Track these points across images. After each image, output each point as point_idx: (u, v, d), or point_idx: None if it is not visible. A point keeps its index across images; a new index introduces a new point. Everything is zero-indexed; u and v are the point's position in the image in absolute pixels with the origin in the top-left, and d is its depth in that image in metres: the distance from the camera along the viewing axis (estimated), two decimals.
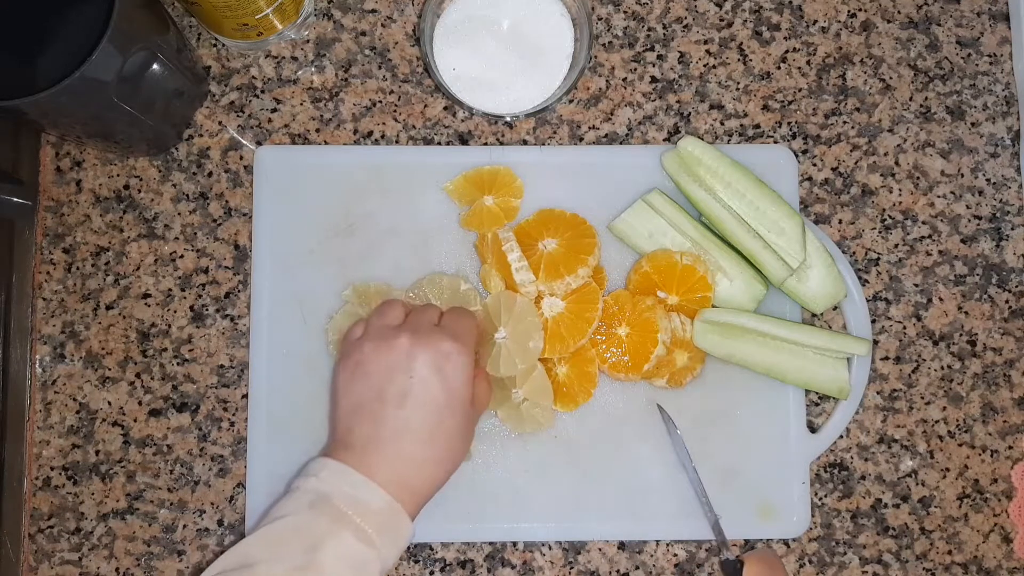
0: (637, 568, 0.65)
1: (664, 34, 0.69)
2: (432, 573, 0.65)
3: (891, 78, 0.69)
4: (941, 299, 0.68)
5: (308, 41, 0.69)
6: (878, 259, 0.68)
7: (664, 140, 0.68)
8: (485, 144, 0.68)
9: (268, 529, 0.51)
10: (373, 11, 0.69)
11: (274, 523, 0.51)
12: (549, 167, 0.67)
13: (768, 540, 0.65)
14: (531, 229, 0.64)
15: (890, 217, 0.68)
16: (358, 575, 0.50)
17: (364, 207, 0.66)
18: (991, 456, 0.67)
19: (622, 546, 0.65)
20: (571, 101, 0.69)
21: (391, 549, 0.51)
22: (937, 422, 0.67)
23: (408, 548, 0.65)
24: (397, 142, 0.68)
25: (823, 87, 0.69)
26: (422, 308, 0.59)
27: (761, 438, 0.65)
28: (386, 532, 0.51)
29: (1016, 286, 0.68)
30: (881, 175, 0.69)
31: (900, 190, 0.69)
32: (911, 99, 0.69)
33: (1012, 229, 0.68)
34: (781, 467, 0.65)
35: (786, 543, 0.66)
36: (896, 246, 0.68)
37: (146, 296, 0.66)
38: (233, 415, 0.66)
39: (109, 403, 0.66)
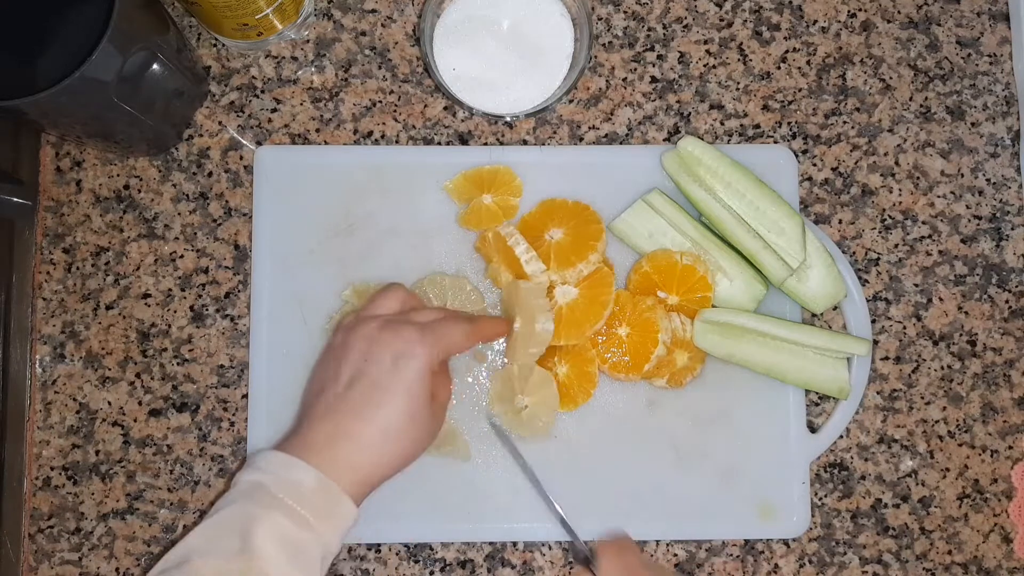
0: None
1: (664, 34, 0.69)
2: (432, 573, 0.65)
3: (891, 78, 0.69)
4: (941, 299, 0.68)
5: (308, 41, 0.69)
6: (878, 259, 0.68)
7: (664, 140, 0.68)
8: (485, 144, 0.68)
9: (206, 522, 0.51)
10: (373, 11, 0.69)
11: (212, 516, 0.51)
12: (549, 167, 0.67)
13: (768, 540, 0.65)
14: (535, 221, 0.64)
15: (890, 217, 0.68)
16: (294, 557, 0.49)
17: (364, 207, 0.66)
18: (991, 456, 0.67)
19: None
20: (571, 101, 0.69)
21: (331, 532, 0.51)
22: (937, 422, 0.67)
23: (408, 548, 0.65)
24: (397, 142, 0.68)
25: (823, 87, 0.69)
26: (421, 309, 0.59)
27: (761, 438, 0.65)
28: (323, 513, 0.51)
29: (1016, 286, 0.68)
30: (881, 175, 0.69)
31: (900, 190, 0.69)
32: (911, 99, 0.69)
33: (1012, 229, 0.68)
34: (781, 467, 0.65)
35: (786, 543, 0.66)
36: (896, 246, 0.68)
37: (146, 296, 0.66)
38: (233, 415, 0.66)
39: (109, 403, 0.66)
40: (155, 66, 0.58)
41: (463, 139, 0.68)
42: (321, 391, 0.55)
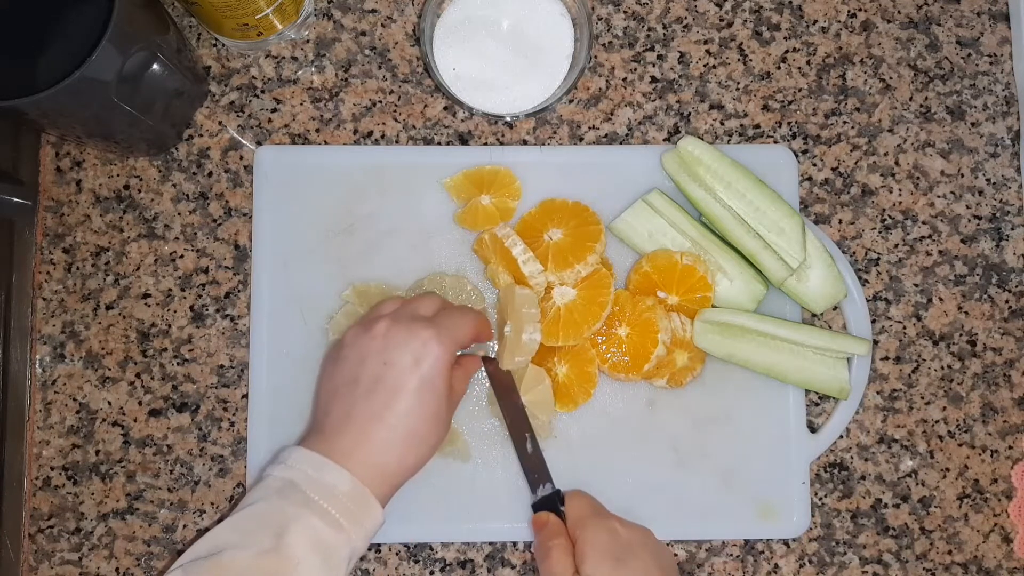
0: None
1: (664, 34, 0.69)
2: (432, 573, 0.65)
3: (891, 78, 0.69)
4: (941, 299, 0.68)
5: (308, 41, 0.69)
6: (878, 259, 0.68)
7: (664, 140, 0.68)
8: (485, 144, 0.68)
9: (237, 516, 0.51)
10: (373, 11, 0.69)
11: (243, 510, 0.51)
12: (549, 167, 0.67)
13: (768, 540, 0.65)
14: (535, 221, 0.64)
15: (890, 217, 0.68)
16: (325, 559, 0.50)
17: (364, 207, 0.66)
18: (991, 456, 0.67)
19: None
20: (571, 101, 0.69)
21: (360, 534, 0.52)
22: (937, 422, 0.67)
23: (408, 548, 0.65)
24: (397, 142, 0.68)
25: (823, 87, 0.69)
26: (417, 298, 0.59)
27: (761, 438, 0.65)
28: (354, 516, 0.51)
29: (1016, 286, 0.68)
30: (881, 175, 0.69)
31: (900, 190, 0.69)
32: (911, 99, 0.69)
33: (1012, 229, 0.69)
34: (781, 467, 0.65)
35: (786, 543, 0.66)
36: (896, 246, 0.68)
37: (146, 296, 0.66)
38: (233, 415, 0.66)
39: (109, 403, 0.66)
40: (155, 66, 0.58)
41: (463, 139, 0.68)
42: (340, 393, 0.55)
